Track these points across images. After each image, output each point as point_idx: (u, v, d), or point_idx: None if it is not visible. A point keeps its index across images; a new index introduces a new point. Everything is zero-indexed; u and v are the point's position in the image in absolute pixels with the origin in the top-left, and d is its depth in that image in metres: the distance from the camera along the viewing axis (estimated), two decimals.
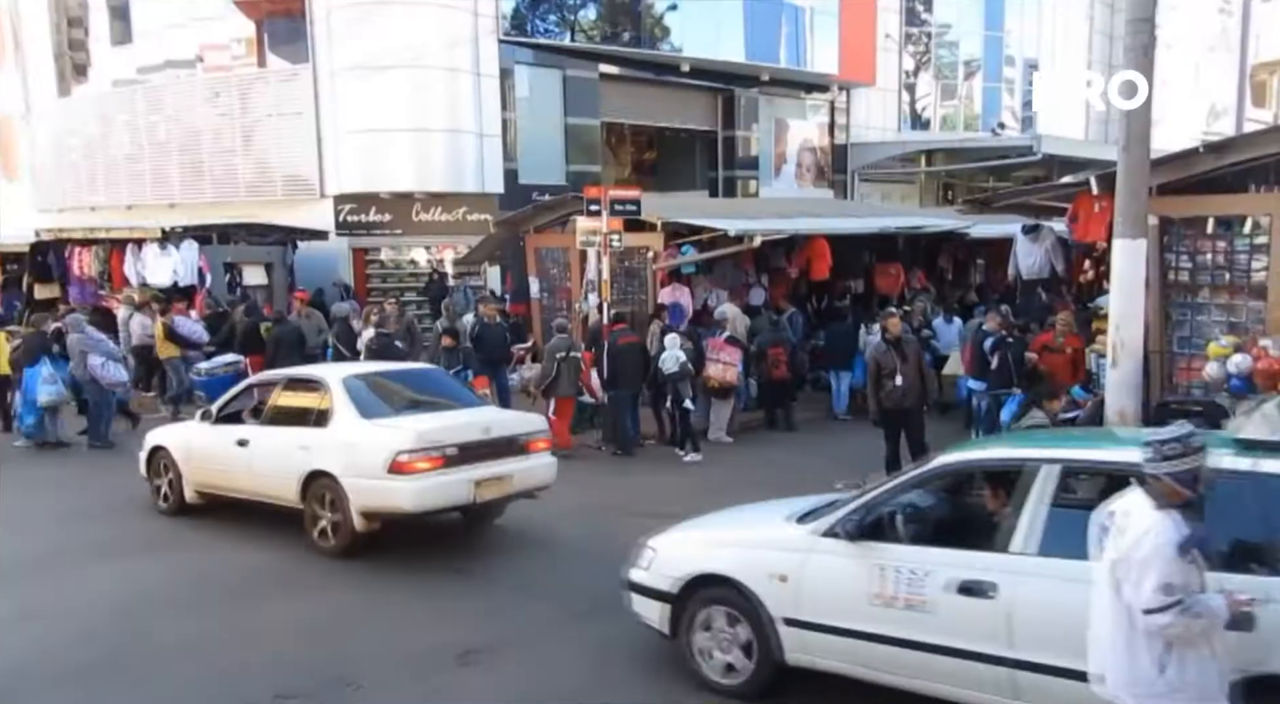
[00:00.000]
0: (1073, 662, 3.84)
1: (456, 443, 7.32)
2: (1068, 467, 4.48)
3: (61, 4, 23.31)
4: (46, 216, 22.37)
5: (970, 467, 5.03)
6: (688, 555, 5.35)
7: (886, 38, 25.74)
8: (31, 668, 5.56)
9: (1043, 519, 4.29)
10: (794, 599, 4.86)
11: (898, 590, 4.53)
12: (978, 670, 4.33)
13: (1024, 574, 4.24)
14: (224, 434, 8.37)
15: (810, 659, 4.88)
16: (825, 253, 14.30)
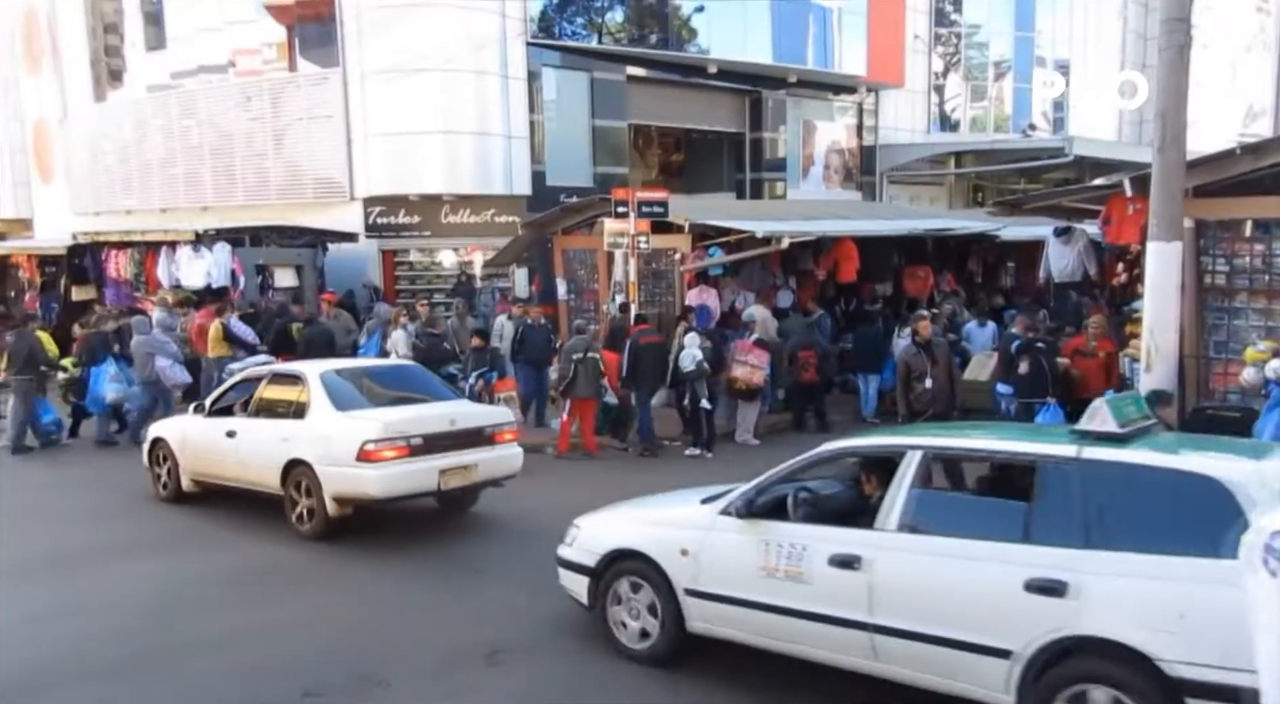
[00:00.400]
0: (922, 626, 4.43)
1: (422, 433, 7.82)
2: (930, 453, 4.91)
3: (97, 10, 23.68)
4: (82, 220, 22.74)
5: (849, 452, 5.48)
6: (607, 533, 5.82)
7: (915, 38, 25.57)
8: (64, 663, 5.64)
9: (905, 499, 4.72)
10: (695, 572, 5.31)
11: (780, 563, 4.97)
12: (845, 635, 4.75)
13: (885, 549, 4.67)
14: (215, 426, 8.93)
15: (709, 627, 5.33)
16: (853, 255, 14.23)
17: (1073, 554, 4.15)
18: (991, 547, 4.42)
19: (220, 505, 9.01)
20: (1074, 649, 4.08)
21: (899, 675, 4.70)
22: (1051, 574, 4.14)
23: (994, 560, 4.36)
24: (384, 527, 8.51)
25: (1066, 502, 4.33)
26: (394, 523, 8.57)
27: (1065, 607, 4.08)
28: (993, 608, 4.31)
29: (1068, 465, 4.40)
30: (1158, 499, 4.20)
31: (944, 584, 4.47)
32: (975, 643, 4.32)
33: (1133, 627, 3.96)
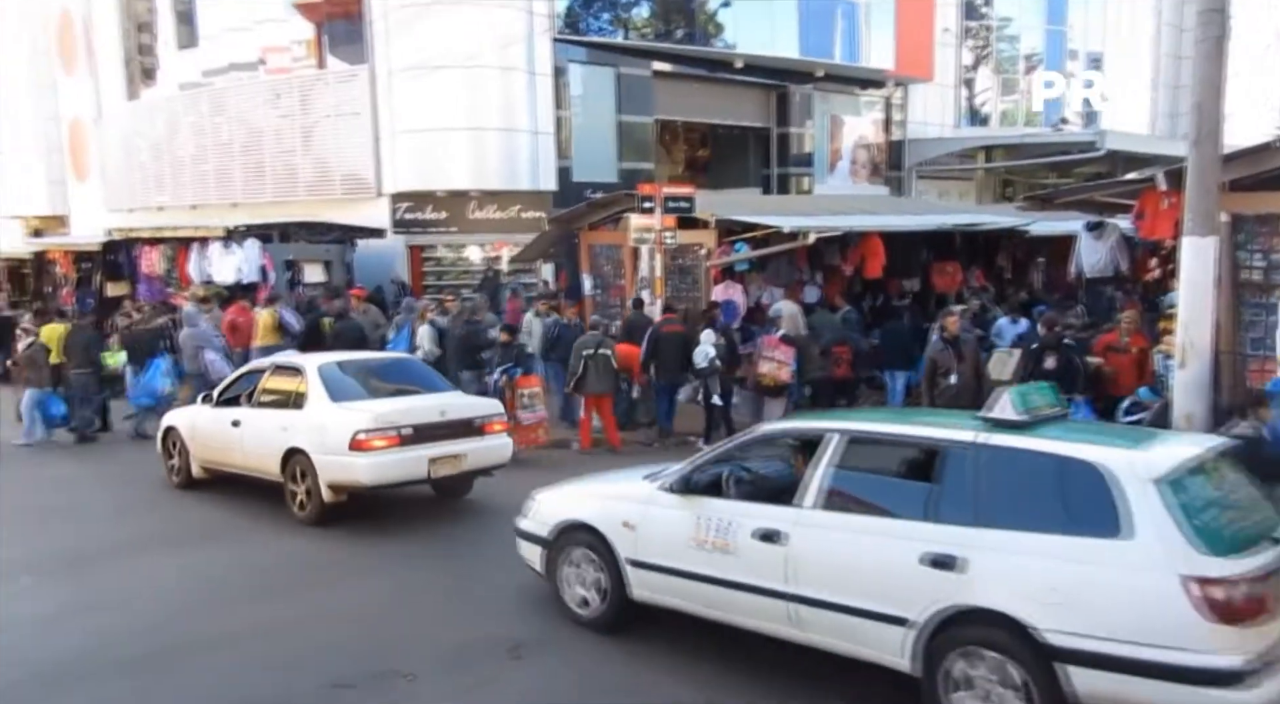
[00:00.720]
0: (834, 596, 4.83)
1: (412, 424, 8.16)
2: (848, 436, 5.20)
3: (131, 10, 24.00)
4: (116, 216, 23.07)
5: (779, 434, 5.92)
6: (560, 506, 6.24)
7: (945, 32, 25.31)
8: (92, 656, 5.72)
9: (826, 479, 5.07)
10: (636, 543, 5.70)
11: (710, 536, 5.33)
12: (767, 604, 5.11)
13: (803, 525, 5.02)
14: (222, 416, 9.29)
15: (649, 595, 5.72)
16: (880, 251, 14.11)
17: (965, 532, 4.50)
18: (896, 524, 4.80)
19: (243, 498, 9.12)
20: (962, 618, 4.42)
21: (814, 641, 5.06)
22: (945, 550, 4.49)
23: (897, 536, 4.71)
24: (406, 520, 8.58)
25: (963, 483, 4.66)
26: (417, 516, 8.63)
27: (956, 579, 4.43)
28: (894, 580, 4.64)
29: (967, 450, 4.71)
30: (1042, 482, 4.50)
31: (853, 557, 4.85)
32: (879, 612, 4.68)
33: (1012, 598, 4.28)
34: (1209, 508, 4.34)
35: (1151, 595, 4.02)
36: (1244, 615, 3.94)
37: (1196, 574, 3.95)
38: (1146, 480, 4.20)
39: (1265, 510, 4.64)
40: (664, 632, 5.79)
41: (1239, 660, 3.90)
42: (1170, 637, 3.95)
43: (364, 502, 8.90)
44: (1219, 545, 4.10)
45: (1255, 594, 3.99)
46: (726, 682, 5.26)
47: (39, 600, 6.74)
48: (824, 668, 5.17)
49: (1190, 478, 4.39)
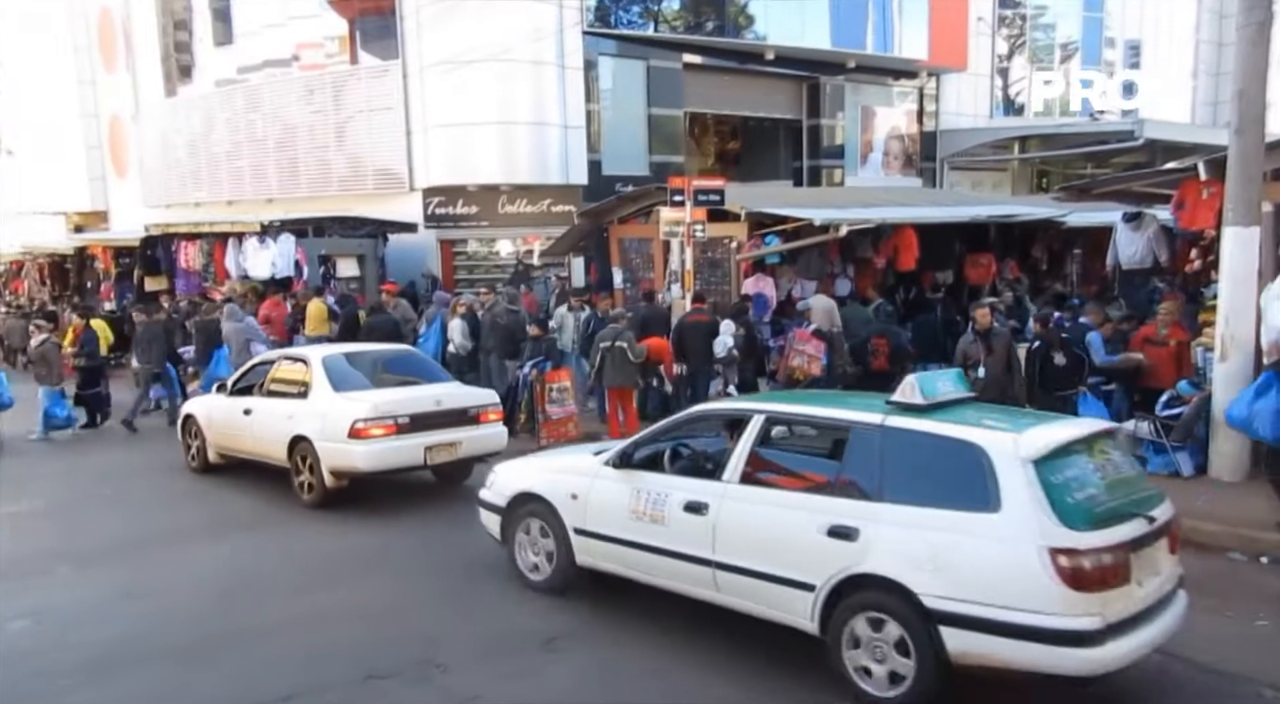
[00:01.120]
0: (750, 563, 5.25)
1: (409, 413, 8.55)
2: (771, 417, 5.69)
3: (168, 8, 24.34)
4: (154, 212, 23.44)
5: (710, 414, 6.43)
6: (516, 478, 6.73)
7: (979, 21, 25.01)
8: (134, 644, 5.84)
9: (745, 455, 5.50)
10: (582, 513, 6.18)
11: (646, 507, 5.79)
12: (693, 570, 5.55)
13: (726, 498, 5.44)
14: (235, 404, 9.76)
15: (592, 561, 6.21)
16: (913, 243, 13.98)
17: (863, 505, 4.93)
18: (806, 497, 5.28)
19: (280, 490, 9.24)
20: (857, 583, 4.85)
21: (734, 605, 5.48)
22: (844, 521, 4.91)
23: (806, 509, 5.14)
24: (440, 514, 8.65)
25: (866, 461, 5.09)
26: (450, 511, 8.69)
27: (854, 549, 4.85)
28: (802, 549, 5.06)
29: (871, 431, 5.11)
30: (932, 461, 4.87)
31: (768, 528, 5.25)
32: (789, 578, 5.10)
33: (898, 566, 4.70)
34: (1076, 486, 4.65)
35: (1016, 564, 4.41)
36: (1098, 583, 4.34)
37: (1055, 545, 4.34)
38: (1020, 460, 4.55)
39: (1143, 490, 5.01)
40: (703, 626, 5.80)
41: (1092, 623, 4.29)
42: (1032, 602, 4.34)
43: (398, 495, 9.00)
44: (1080, 520, 4.46)
45: (1109, 564, 4.39)
46: (765, 678, 5.25)
47: (82, 589, 6.89)
48: None
49: (1062, 459, 4.70)
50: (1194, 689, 5.17)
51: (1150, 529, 4.71)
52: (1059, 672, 4.38)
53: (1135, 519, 4.68)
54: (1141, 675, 5.16)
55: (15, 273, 24.92)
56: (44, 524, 8.66)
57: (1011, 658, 4.44)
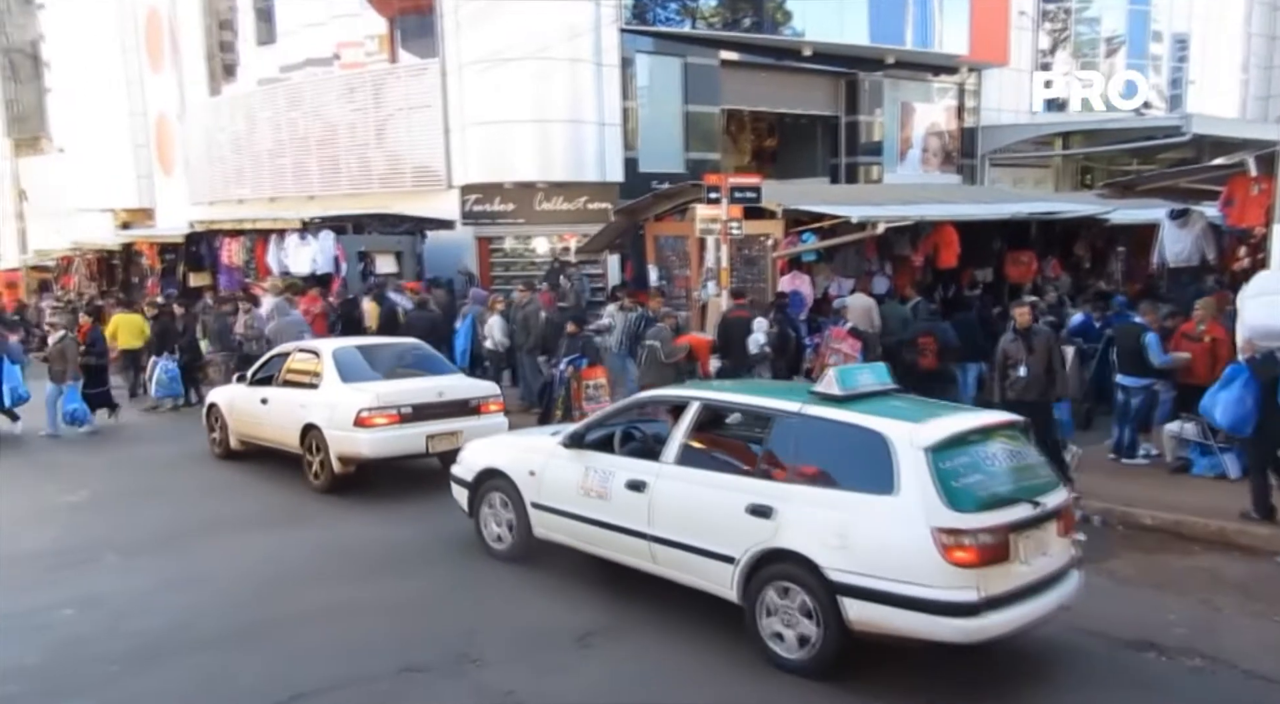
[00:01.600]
0: (681, 537, 5.75)
1: (412, 403, 9.03)
2: (706, 404, 6.19)
3: (213, 8, 24.75)
4: (198, 209, 23.85)
5: (656, 400, 6.94)
6: (483, 455, 7.32)
7: (1021, 15, 24.64)
8: (180, 631, 5.97)
9: (682, 439, 6.00)
10: (538, 488, 6.76)
11: (593, 484, 6.32)
12: (633, 543, 6.06)
13: (663, 477, 5.94)
14: (254, 394, 10.26)
15: (547, 533, 6.78)
16: (953, 240, 13.82)
17: (780, 486, 5.39)
18: (731, 478, 5.74)
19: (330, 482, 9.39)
20: (773, 557, 5.31)
21: (667, 575, 5.98)
22: (763, 501, 5.37)
23: (731, 489, 5.59)
24: None
25: (785, 445, 5.56)
26: None
27: (770, 525, 5.32)
28: (726, 525, 5.52)
29: (791, 418, 5.59)
30: (842, 447, 5.34)
31: (697, 505, 5.75)
32: (713, 551, 5.58)
33: (808, 542, 5.16)
34: (965, 472, 5.07)
35: (908, 542, 4.85)
36: (980, 561, 4.80)
37: (940, 526, 4.79)
38: (917, 448, 4.98)
39: (1038, 478, 5.39)
40: (732, 622, 5.80)
41: (973, 596, 4.77)
42: (919, 576, 4.81)
43: (429, 489, 9.09)
44: (967, 503, 4.91)
45: (989, 544, 4.84)
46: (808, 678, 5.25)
47: (132, 577, 7.06)
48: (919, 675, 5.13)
49: (955, 448, 5.13)
50: (1249, 699, 5.10)
51: (1036, 513, 5.11)
52: (940, 639, 4.85)
53: (1021, 504, 5.08)
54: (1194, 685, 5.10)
55: (65, 268, 25.49)
56: (92, 515, 8.87)
57: (901, 626, 4.90)
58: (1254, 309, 8.04)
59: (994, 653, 5.37)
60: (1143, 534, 7.78)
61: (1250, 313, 8.07)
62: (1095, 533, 7.76)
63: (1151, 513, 7.96)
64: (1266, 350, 7.67)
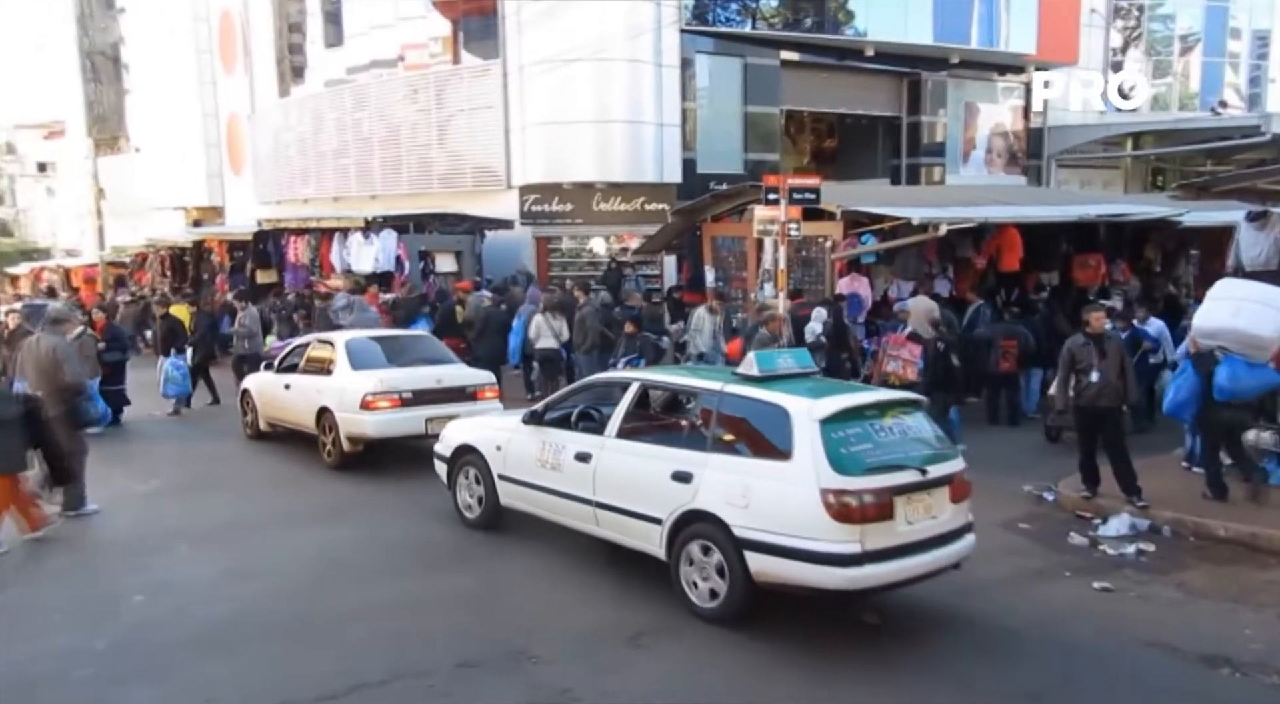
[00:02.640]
0: (619, 503, 6.41)
1: (412, 389, 9.87)
2: (644, 384, 6.91)
3: (284, 11, 25.36)
4: (266, 208, 24.47)
5: (603, 382, 7.54)
6: (460, 433, 8.09)
7: (1092, 13, 24.04)
8: (241, 622, 6.10)
9: (623, 415, 6.68)
10: (503, 461, 7.50)
11: (548, 457, 7.03)
12: (580, 508, 6.76)
13: (605, 449, 6.63)
14: (279, 380, 11.21)
15: (511, 502, 7.52)
16: (1017, 243, 13.54)
17: (699, 455, 6.03)
18: (660, 449, 6.35)
19: (377, 480, 9.56)
20: (692, 518, 5.94)
21: (609, 536, 6.66)
22: (685, 468, 6.02)
23: (660, 459, 6.23)
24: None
25: (707, 419, 6.22)
26: None
27: (689, 489, 5.96)
28: (654, 490, 6.17)
29: (713, 395, 6.23)
30: (753, 420, 5.98)
31: (632, 474, 6.41)
32: (645, 513, 6.24)
33: (719, 503, 5.79)
34: (854, 441, 5.64)
35: (800, 501, 5.44)
36: (859, 518, 5.37)
37: (827, 487, 5.38)
38: (813, 420, 5.58)
39: (930, 449, 5.92)
40: (787, 622, 5.76)
41: (855, 549, 5.35)
42: (809, 531, 5.40)
43: None
44: (853, 468, 5.49)
45: (870, 503, 5.39)
46: (849, 675, 5.20)
47: (199, 566, 7.26)
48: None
49: (846, 420, 5.70)
50: None
51: (922, 479, 5.64)
52: (825, 586, 5.42)
53: (907, 470, 5.63)
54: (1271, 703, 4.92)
55: (140, 264, 26.33)
56: (165, 503, 9.13)
57: (793, 576, 5.49)
58: (1204, 309, 8.62)
59: (1057, 663, 5.25)
60: (1216, 546, 7.53)
61: (1200, 313, 8.66)
62: (1166, 543, 7.56)
63: (1225, 524, 7.69)
64: (1207, 348, 8.24)
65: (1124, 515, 7.98)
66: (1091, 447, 8.52)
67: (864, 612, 5.94)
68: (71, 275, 31.33)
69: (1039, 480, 9.21)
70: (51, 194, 52.30)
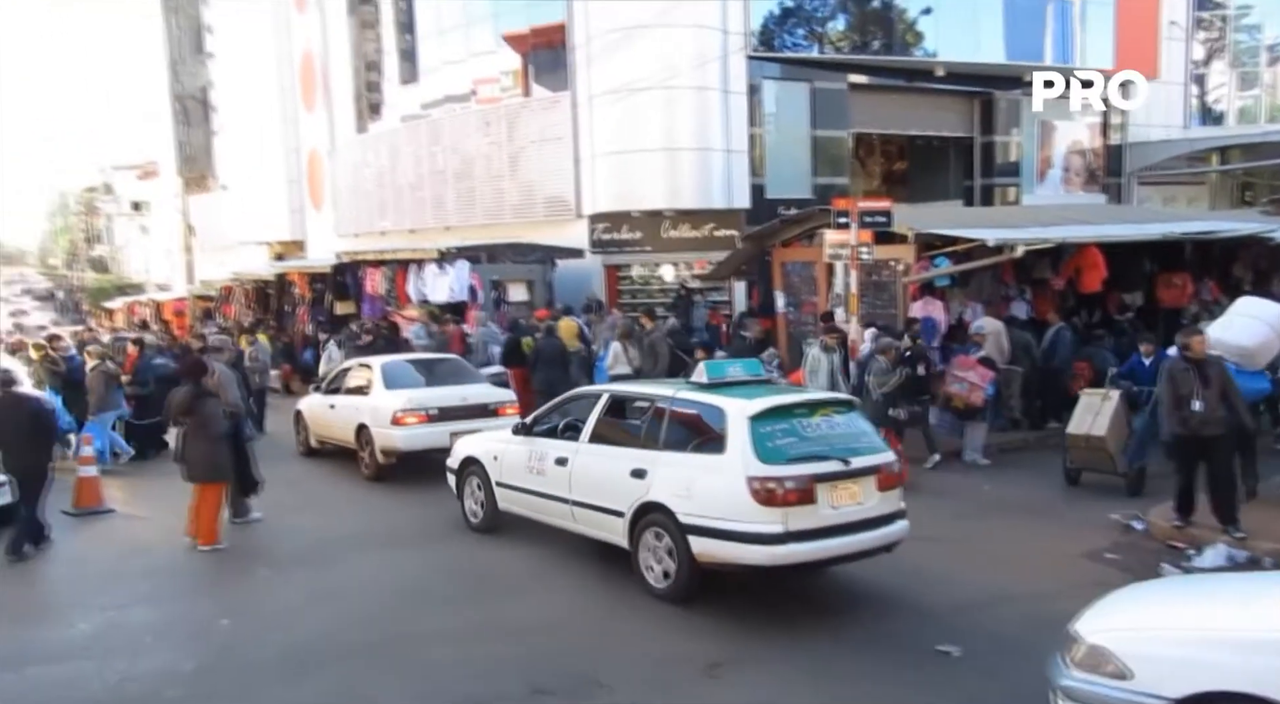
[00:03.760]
0: (590, 500, 7.29)
1: (438, 406, 10.87)
2: (613, 394, 7.85)
3: (362, 50, 26.23)
4: (344, 241, 25.19)
5: (584, 395, 8.34)
6: (466, 446, 9.01)
7: (1172, 25, 23.38)
8: (321, 643, 6.26)
9: (594, 422, 7.58)
10: (499, 469, 8.41)
11: (534, 463, 7.94)
12: (559, 507, 7.64)
13: (579, 453, 7.52)
14: (325, 401, 12.40)
15: (508, 506, 8.37)
16: (1098, 262, 13.14)
17: (653, 453, 6.89)
18: (623, 450, 7.22)
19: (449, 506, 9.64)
20: (647, 509, 6.76)
21: (583, 531, 7.50)
22: (641, 465, 6.87)
23: (622, 459, 7.09)
24: None
25: (660, 422, 7.02)
26: None
27: (644, 484, 6.80)
28: (618, 487, 7.00)
29: (665, 401, 7.10)
30: (696, 421, 6.85)
31: (601, 473, 7.26)
32: (610, 508, 7.08)
33: (668, 494, 6.62)
34: (780, 436, 6.41)
35: (732, 489, 6.24)
36: (784, 502, 6.14)
37: (752, 475, 6.18)
38: (743, 417, 6.40)
39: (858, 444, 6.66)
40: (865, 656, 5.65)
41: (778, 529, 6.11)
42: (739, 514, 6.20)
43: None
44: (775, 458, 6.27)
45: (791, 489, 6.16)
46: None
47: (280, 590, 7.46)
48: None
49: (774, 417, 6.50)
50: None
51: (845, 469, 6.37)
52: (752, 563, 6.21)
53: (830, 461, 6.37)
54: None
55: (226, 297, 27.34)
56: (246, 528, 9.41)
57: (727, 555, 6.31)
58: (1220, 324, 9.21)
59: None
60: None
61: (1215, 325, 9.23)
62: None
63: None
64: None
65: (1220, 546, 7.63)
66: (1192, 476, 8.13)
67: (939, 643, 5.81)
68: (162, 309, 32.68)
69: (1124, 509, 8.89)
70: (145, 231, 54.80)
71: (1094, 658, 4.10)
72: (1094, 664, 4.09)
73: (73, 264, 76.80)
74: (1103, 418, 9.59)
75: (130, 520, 9.99)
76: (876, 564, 6.90)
